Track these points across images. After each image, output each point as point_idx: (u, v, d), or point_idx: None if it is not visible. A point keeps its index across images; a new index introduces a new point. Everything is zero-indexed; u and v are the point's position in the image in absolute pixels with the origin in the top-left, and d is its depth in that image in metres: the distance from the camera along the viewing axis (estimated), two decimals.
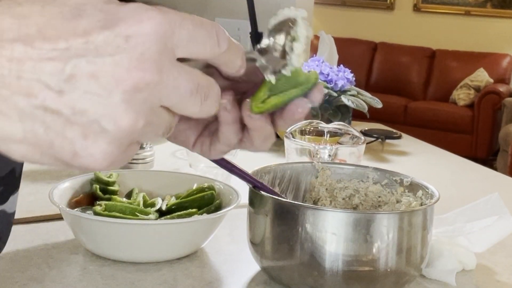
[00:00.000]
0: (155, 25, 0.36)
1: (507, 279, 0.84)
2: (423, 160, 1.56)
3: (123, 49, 0.35)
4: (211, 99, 0.40)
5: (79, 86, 0.35)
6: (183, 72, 0.38)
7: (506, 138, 4.59)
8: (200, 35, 0.39)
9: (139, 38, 0.36)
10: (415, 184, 0.82)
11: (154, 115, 0.37)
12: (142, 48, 0.36)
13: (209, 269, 0.81)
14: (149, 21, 0.36)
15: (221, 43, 0.40)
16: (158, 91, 0.36)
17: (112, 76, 0.35)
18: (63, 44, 0.35)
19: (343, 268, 0.70)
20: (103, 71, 0.35)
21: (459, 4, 5.89)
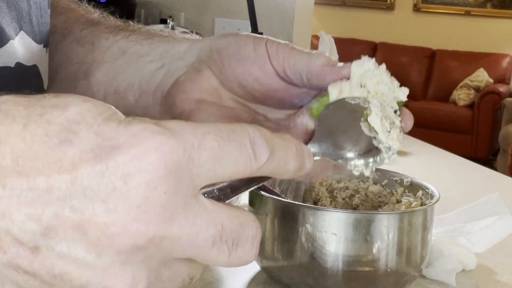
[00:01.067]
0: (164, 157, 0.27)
1: (507, 279, 0.84)
2: (423, 160, 1.56)
3: (120, 192, 0.27)
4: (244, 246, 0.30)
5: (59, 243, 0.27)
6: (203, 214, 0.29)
7: (506, 138, 4.60)
8: (228, 151, 0.29)
9: (143, 176, 0.27)
10: (415, 184, 0.82)
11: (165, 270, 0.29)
12: (145, 191, 0.27)
13: (209, 269, 0.81)
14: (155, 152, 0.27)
15: (259, 152, 0.30)
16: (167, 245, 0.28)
17: (103, 231, 0.27)
18: (43, 182, 0.27)
19: (343, 268, 0.70)
20: (92, 223, 0.27)
21: (459, 4, 5.89)
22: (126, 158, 0.27)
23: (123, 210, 0.27)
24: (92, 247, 0.27)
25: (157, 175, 0.27)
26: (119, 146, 0.27)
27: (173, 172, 0.27)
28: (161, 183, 0.27)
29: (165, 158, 0.27)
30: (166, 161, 0.27)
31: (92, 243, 0.27)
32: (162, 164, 0.27)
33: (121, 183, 0.27)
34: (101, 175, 0.27)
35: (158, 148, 0.27)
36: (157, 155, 0.27)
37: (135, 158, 0.27)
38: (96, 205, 0.27)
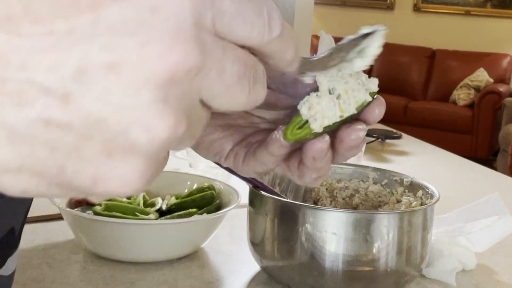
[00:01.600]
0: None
1: (507, 279, 0.84)
2: (423, 160, 1.56)
3: (149, 25, 0.25)
4: (260, 81, 0.30)
5: (93, 85, 0.25)
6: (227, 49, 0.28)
7: (506, 138, 4.59)
8: (247, 10, 0.28)
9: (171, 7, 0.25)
10: (415, 184, 0.82)
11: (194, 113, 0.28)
12: (176, 21, 0.25)
13: (209, 269, 0.81)
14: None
15: (273, 25, 0.30)
16: (200, 80, 0.27)
17: (138, 65, 0.25)
18: (63, 25, 0.24)
19: (343, 268, 0.70)
20: (125, 58, 0.25)
21: (459, 4, 5.89)
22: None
23: (157, 42, 0.25)
24: (128, 85, 0.25)
25: (185, 6, 0.26)
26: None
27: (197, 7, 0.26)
28: (190, 15, 0.26)
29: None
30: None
31: (128, 81, 0.25)
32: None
33: (149, 15, 0.25)
34: (126, 9, 0.25)
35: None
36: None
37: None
38: (127, 39, 0.25)
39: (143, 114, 0.25)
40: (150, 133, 0.25)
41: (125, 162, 0.26)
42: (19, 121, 0.24)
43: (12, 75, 0.24)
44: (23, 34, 0.24)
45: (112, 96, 0.25)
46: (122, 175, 0.26)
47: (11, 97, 0.24)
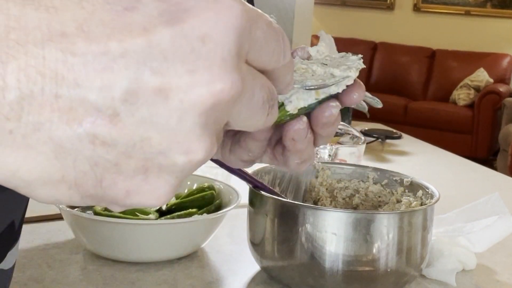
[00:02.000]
0: (235, 19, 0.27)
1: (507, 279, 0.84)
2: (423, 160, 1.56)
3: (198, 53, 0.26)
4: (275, 104, 0.32)
5: (140, 108, 0.25)
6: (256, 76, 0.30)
7: (506, 138, 4.59)
8: (271, 38, 0.30)
9: (219, 37, 0.26)
10: (415, 184, 0.82)
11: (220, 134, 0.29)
12: (222, 51, 0.27)
13: (209, 269, 0.81)
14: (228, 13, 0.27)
15: (287, 53, 0.32)
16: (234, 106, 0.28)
17: (186, 92, 0.26)
18: (116, 47, 0.25)
19: (343, 268, 0.70)
20: (174, 85, 0.26)
21: (459, 4, 5.89)
22: (200, 20, 0.26)
23: (205, 71, 0.26)
24: (174, 110, 0.26)
25: (230, 37, 0.27)
26: (190, 9, 0.26)
27: (240, 38, 0.27)
28: (234, 46, 0.27)
29: (236, 20, 0.27)
30: (237, 23, 0.27)
31: (174, 106, 0.26)
32: (234, 25, 0.27)
33: (199, 44, 0.26)
34: (177, 36, 0.26)
35: (231, 10, 0.27)
36: (230, 16, 0.27)
37: (210, 19, 0.26)
38: (177, 66, 0.26)
39: (184, 137, 0.26)
40: (188, 156, 0.27)
41: (160, 179, 0.27)
42: (67, 137, 0.25)
43: (64, 92, 0.25)
44: (77, 53, 0.25)
45: (158, 119, 0.26)
46: (154, 190, 0.28)
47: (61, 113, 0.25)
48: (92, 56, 0.25)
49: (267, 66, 0.31)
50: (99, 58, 0.25)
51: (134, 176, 0.27)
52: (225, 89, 0.27)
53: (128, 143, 0.26)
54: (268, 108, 0.31)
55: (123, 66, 0.25)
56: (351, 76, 0.41)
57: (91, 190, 0.27)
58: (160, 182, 0.27)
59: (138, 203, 0.28)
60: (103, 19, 0.25)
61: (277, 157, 0.46)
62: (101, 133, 0.25)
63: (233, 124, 0.31)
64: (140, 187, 0.27)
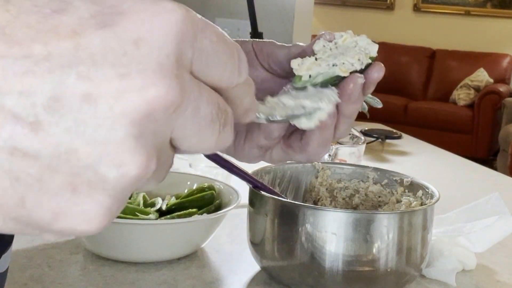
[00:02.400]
0: (175, 23, 0.25)
1: (507, 279, 0.84)
2: (423, 160, 1.56)
3: (131, 57, 0.24)
4: (229, 124, 0.29)
5: (66, 114, 0.23)
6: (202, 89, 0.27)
7: (506, 138, 4.59)
8: (221, 51, 0.28)
9: (156, 41, 0.25)
10: (415, 184, 0.82)
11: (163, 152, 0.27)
12: (159, 55, 0.25)
13: (209, 269, 0.81)
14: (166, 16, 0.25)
15: (242, 68, 0.29)
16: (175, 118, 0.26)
17: (116, 98, 0.24)
18: (40, 49, 0.23)
19: (343, 268, 0.70)
20: (103, 90, 0.24)
21: (459, 4, 5.89)
22: (135, 22, 0.24)
23: (138, 76, 0.24)
24: (103, 118, 0.24)
25: (168, 41, 0.25)
26: (124, 12, 0.24)
27: (180, 43, 0.25)
28: (172, 51, 0.25)
29: (176, 25, 0.25)
30: (177, 28, 0.25)
31: (103, 114, 0.24)
32: (174, 31, 0.25)
33: (132, 48, 0.24)
34: (109, 39, 0.24)
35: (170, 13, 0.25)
36: (170, 19, 0.25)
37: (146, 21, 0.25)
38: (107, 70, 0.24)
39: (115, 149, 0.24)
40: (119, 170, 0.24)
41: (90, 198, 0.24)
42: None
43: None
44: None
45: (85, 128, 0.24)
46: (85, 212, 0.25)
47: None
48: (13, 59, 0.23)
49: (219, 83, 0.28)
50: (20, 61, 0.23)
51: (61, 195, 0.24)
52: (159, 95, 0.24)
53: (52, 155, 0.23)
54: (219, 126, 0.28)
55: (47, 70, 0.23)
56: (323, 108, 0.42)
57: (13, 211, 0.24)
58: (91, 203, 0.24)
59: (68, 227, 0.25)
60: (29, 22, 0.23)
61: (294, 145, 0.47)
62: (21, 143, 0.23)
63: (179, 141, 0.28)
64: (68, 208, 0.24)
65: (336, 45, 0.47)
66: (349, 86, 0.45)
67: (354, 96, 0.45)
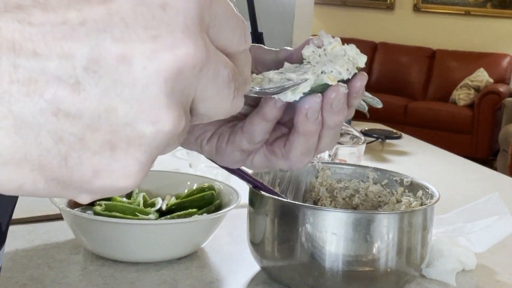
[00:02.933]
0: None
1: (507, 279, 0.84)
2: (423, 160, 1.56)
3: (160, 20, 0.26)
4: (242, 89, 0.31)
5: (104, 75, 0.25)
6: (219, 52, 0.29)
7: (506, 138, 4.59)
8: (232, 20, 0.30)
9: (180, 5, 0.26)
10: (415, 184, 0.82)
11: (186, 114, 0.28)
12: (184, 18, 0.26)
13: (209, 269, 0.81)
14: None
15: (247, 37, 0.31)
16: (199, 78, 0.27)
17: (150, 58, 0.25)
18: (75, 15, 0.24)
19: (343, 268, 0.70)
20: (137, 51, 0.25)
21: (459, 4, 5.89)
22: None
23: (168, 36, 0.26)
24: (138, 77, 0.25)
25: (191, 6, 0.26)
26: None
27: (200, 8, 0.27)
28: (195, 14, 0.27)
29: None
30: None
31: (138, 73, 0.25)
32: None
33: (160, 12, 0.26)
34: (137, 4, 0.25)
35: None
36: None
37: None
38: (139, 32, 0.25)
39: (150, 106, 0.25)
40: (155, 126, 0.26)
41: (128, 155, 0.26)
42: (28, 110, 0.24)
43: (23, 62, 0.24)
44: (34, 23, 0.24)
45: (122, 87, 0.25)
46: (124, 168, 0.26)
47: (21, 84, 0.24)
48: (51, 26, 0.24)
49: (228, 48, 0.30)
50: (58, 27, 0.24)
51: (101, 152, 0.25)
52: (189, 53, 0.26)
53: (93, 114, 0.25)
54: (234, 89, 0.30)
55: (84, 34, 0.24)
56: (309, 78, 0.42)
57: (56, 171, 0.25)
58: (129, 159, 0.26)
59: (107, 184, 0.26)
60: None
61: (276, 151, 0.46)
62: (64, 104, 0.24)
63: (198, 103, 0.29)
64: (108, 165, 0.26)
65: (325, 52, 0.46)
66: (332, 95, 0.44)
67: (336, 106, 0.44)
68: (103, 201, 0.83)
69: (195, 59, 0.26)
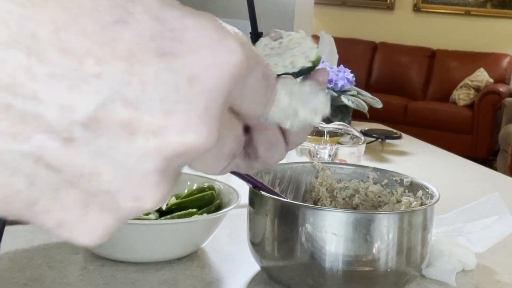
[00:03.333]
0: (233, 66, 0.24)
1: (507, 279, 0.84)
2: (423, 160, 1.56)
3: (182, 94, 0.23)
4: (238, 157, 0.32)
5: (101, 137, 0.23)
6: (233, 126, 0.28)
7: (506, 138, 4.59)
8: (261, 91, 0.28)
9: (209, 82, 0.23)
10: (415, 184, 0.82)
11: None
12: (208, 98, 0.24)
13: (209, 269, 0.81)
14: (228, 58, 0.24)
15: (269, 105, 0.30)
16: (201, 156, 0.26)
17: (155, 133, 0.23)
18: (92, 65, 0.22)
19: (343, 268, 0.70)
20: (144, 122, 0.23)
21: (459, 4, 5.89)
22: (194, 58, 0.23)
23: (183, 116, 0.23)
24: (136, 148, 0.23)
25: (221, 85, 0.24)
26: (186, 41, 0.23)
27: (228, 86, 0.24)
28: (222, 94, 0.24)
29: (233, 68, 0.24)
30: (233, 72, 0.24)
31: (137, 145, 0.23)
32: (228, 75, 0.24)
33: (185, 85, 0.23)
34: (164, 71, 0.23)
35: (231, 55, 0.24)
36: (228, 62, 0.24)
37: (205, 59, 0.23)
38: (154, 103, 0.23)
39: (139, 180, 0.24)
40: (137, 202, 0.24)
41: (97, 219, 0.24)
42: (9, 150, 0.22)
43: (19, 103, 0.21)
44: (45, 62, 0.21)
45: (116, 153, 0.23)
46: (89, 229, 0.24)
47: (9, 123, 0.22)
48: (62, 70, 0.21)
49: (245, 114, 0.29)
50: (69, 74, 0.21)
51: (71, 208, 0.24)
52: (198, 141, 0.24)
53: (75, 173, 0.23)
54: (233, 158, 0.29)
55: (94, 89, 0.22)
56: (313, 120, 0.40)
57: (20, 210, 0.24)
58: (98, 223, 0.24)
59: (67, 238, 0.25)
60: (86, 29, 0.22)
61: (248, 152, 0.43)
62: (48, 155, 0.22)
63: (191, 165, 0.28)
64: (74, 221, 0.24)
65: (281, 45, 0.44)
66: None
67: None
68: None
69: (203, 146, 0.24)
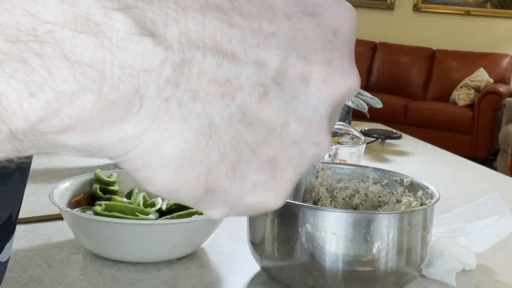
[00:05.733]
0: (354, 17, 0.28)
1: (507, 279, 0.84)
2: (423, 160, 1.56)
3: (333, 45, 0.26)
4: None
5: (286, 89, 0.25)
6: None
7: (506, 138, 4.59)
8: None
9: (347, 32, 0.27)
10: (415, 184, 0.82)
11: None
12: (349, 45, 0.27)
13: (209, 269, 0.81)
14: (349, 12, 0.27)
15: None
16: None
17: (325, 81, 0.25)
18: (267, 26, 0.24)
19: (343, 268, 0.70)
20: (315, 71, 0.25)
21: (459, 4, 5.89)
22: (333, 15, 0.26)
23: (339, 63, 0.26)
24: (312, 97, 0.25)
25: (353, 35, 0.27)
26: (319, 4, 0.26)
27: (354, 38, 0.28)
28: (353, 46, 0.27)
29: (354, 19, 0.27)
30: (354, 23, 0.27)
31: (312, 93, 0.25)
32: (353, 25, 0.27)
33: (332, 37, 0.26)
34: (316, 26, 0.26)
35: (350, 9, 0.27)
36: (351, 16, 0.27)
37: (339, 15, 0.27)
38: (319, 53, 0.25)
39: (316, 127, 0.26)
40: (316, 147, 0.26)
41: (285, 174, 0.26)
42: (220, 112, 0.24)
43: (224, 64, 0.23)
44: (234, 25, 0.24)
45: (298, 104, 0.25)
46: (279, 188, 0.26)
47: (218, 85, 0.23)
48: (247, 31, 0.24)
49: None
50: (254, 34, 0.24)
51: (264, 167, 0.25)
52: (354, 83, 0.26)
53: (270, 126, 0.25)
54: None
55: (275, 45, 0.24)
56: None
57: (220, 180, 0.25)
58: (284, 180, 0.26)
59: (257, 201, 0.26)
60: None
61: None
62: (249, 111, 0.24)
63: None
64: (266, 182, 0.25)
65: None
66: None
67: None
68: (103, 201, 0.83)
69: (354, 89, 0.26)
